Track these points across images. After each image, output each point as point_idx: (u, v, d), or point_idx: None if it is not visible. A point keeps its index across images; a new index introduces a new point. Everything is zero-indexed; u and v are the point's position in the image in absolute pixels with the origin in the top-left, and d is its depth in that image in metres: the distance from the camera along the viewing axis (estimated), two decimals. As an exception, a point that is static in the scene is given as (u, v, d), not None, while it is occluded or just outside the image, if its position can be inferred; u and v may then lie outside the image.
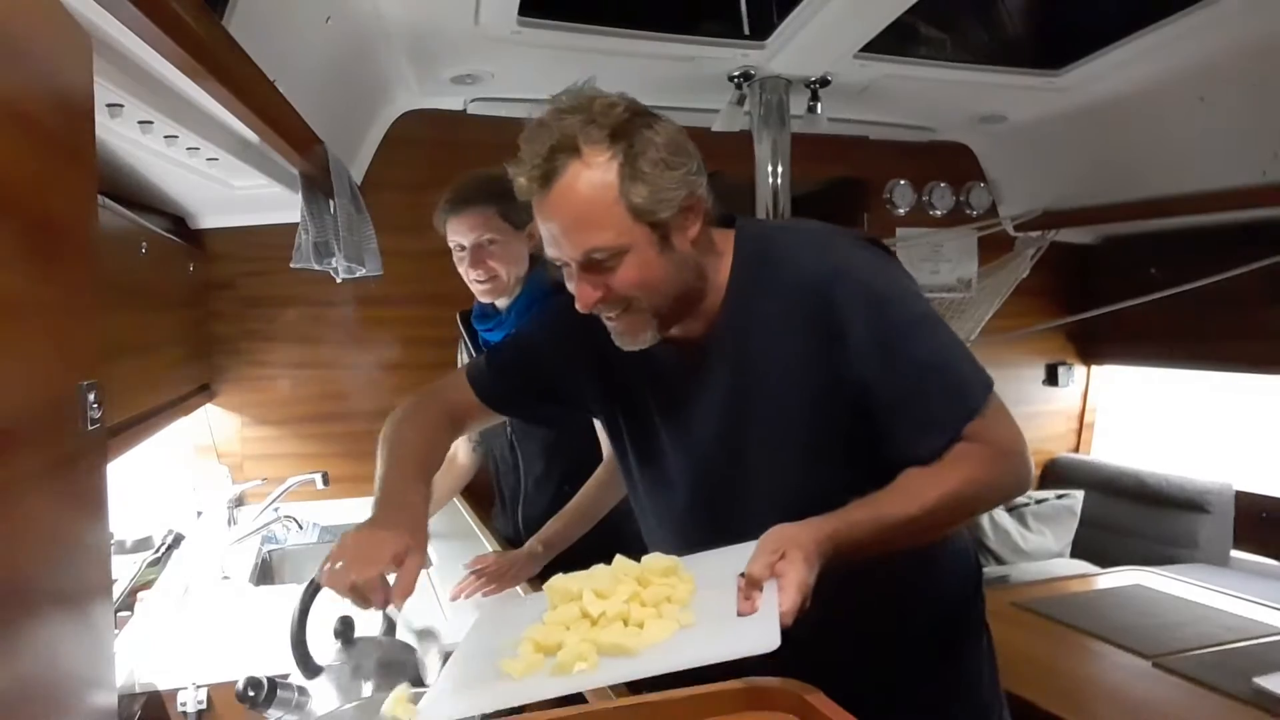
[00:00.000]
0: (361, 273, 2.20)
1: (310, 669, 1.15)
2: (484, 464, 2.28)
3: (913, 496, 1.02)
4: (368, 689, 1.13)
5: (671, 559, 1.02)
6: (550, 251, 1.09)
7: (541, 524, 1.86)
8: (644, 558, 1.03)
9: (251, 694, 1.08)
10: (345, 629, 1.23)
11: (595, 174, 1.03)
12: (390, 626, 1.29)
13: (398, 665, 1.16)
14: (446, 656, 1.06)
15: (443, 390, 1.35)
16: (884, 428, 1.07)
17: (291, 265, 2.06)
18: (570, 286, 1.10)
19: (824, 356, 1.07)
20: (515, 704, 0.88)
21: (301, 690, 1.13)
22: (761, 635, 0.84)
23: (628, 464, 1.32)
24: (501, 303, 1.99)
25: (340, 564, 0.98)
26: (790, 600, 0.88)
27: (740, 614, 0.91)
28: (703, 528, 1.17)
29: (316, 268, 2.09)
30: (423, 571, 1.05)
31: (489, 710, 0.89)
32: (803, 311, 1.08)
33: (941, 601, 1.25)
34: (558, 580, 1.03)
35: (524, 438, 2.06)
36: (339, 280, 2.23)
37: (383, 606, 0.99)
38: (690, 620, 0.93)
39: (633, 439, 1.28)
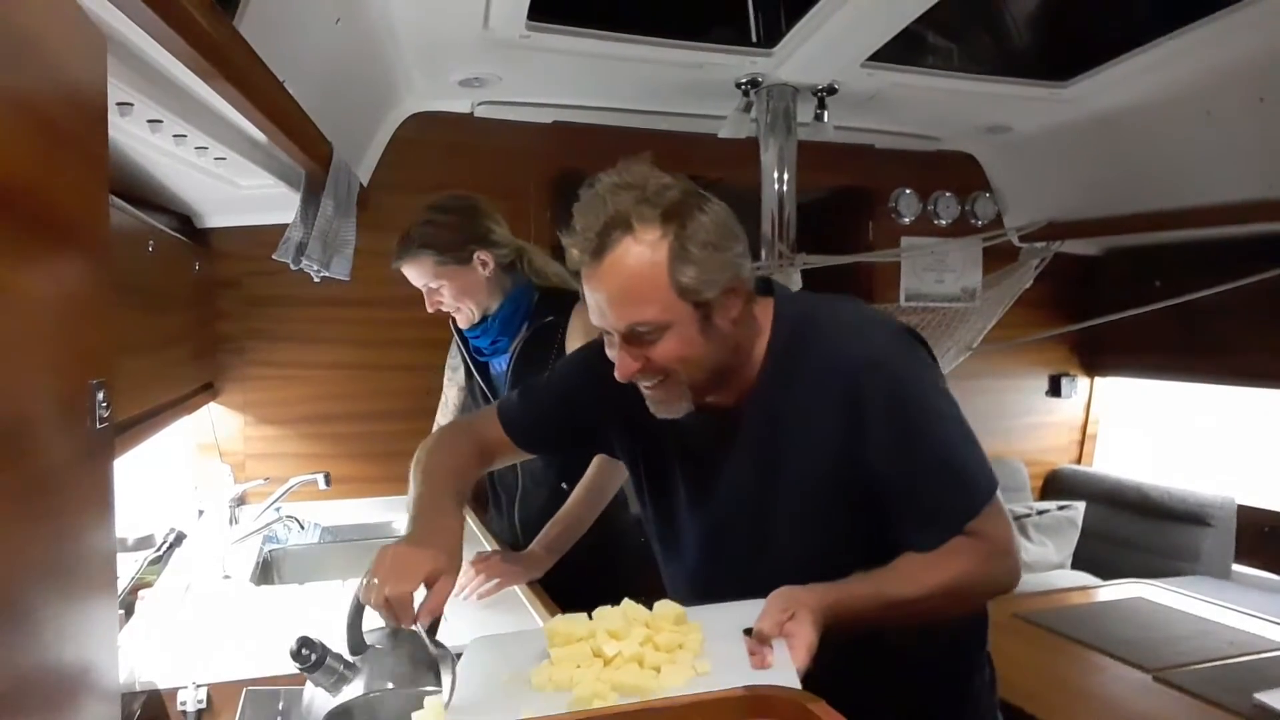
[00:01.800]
0: (326, 275, 2.21)
1: (357, 646, 1.15)
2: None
3: (911, 581, 1.07)
4: (398, 681, 1.13)
5: (679, 608, 1.06)
6: (595, 320, 1.13)
7: (538, 523, 1.86)
8: (655, 604, 1.06)
9: (305, 652, 1.09)
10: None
11: (645, 251, 1.06)
12: (433, 625, 1.29)
13: (432, 664, 1.16)
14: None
15: (473, 424, 1.42)
16: (891, 515, 1.12)
17: (272, 257, 2.07)
18: (611, 354, 1.14)
19: (844, 442, 1.11)
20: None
21: (348, 665, 1.13)
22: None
23: (643, 506, 1.36)
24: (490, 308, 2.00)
25: (376, 579, 1.02)
26: (801, 660, 0.93)
27: (753, 669, 0.94)
28: (707, 586, 1.22)
29: (293, 266, 2.10)
30: None
31: None
32: (832, 397, 1.11)
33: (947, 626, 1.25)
34: (560, 624, 1.05)
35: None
36: (316, 280, 2.23)
37: (411, 623, 1.02)
38: (706, 669, 0.94)
39: (651, 490, 1.32)
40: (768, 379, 1.17)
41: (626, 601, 1.07)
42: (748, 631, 1.00)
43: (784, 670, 0.92)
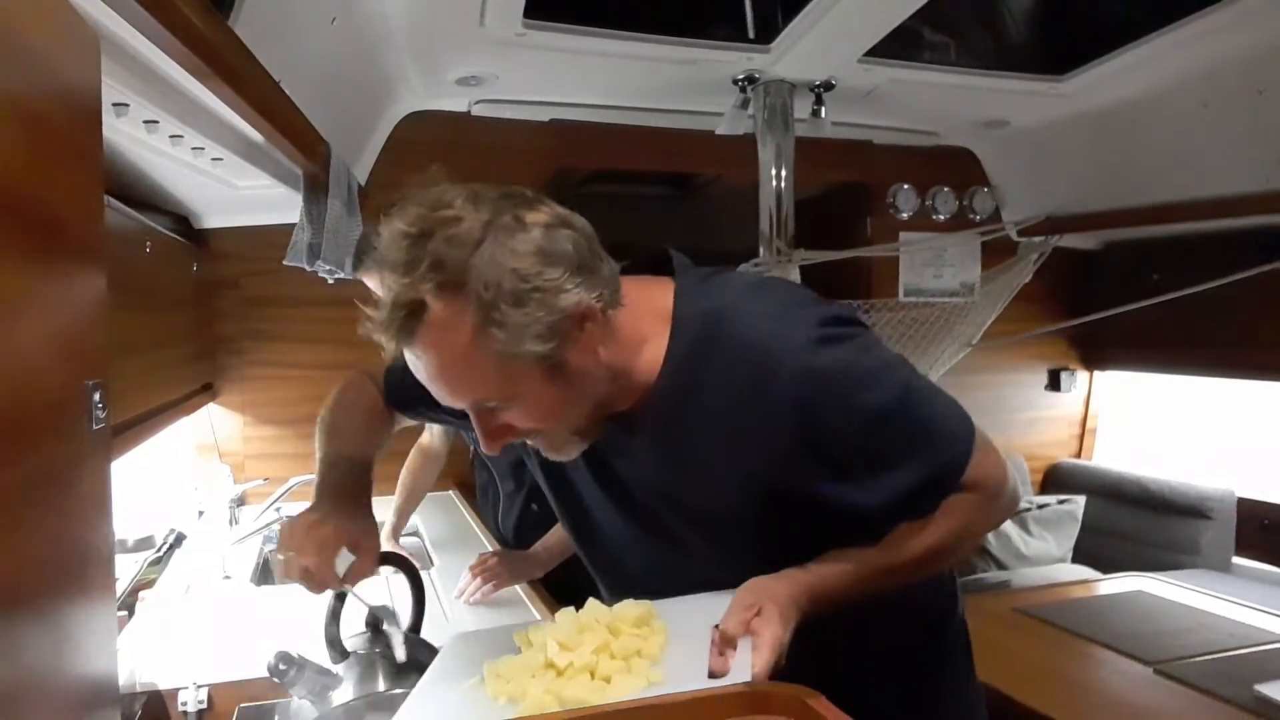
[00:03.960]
0: (340, 276, 2.21)
1: (339, 653, 1.16)
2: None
3: (896, 548, 0.99)
4: (385, 683, 1.13)
5: (645, 606, 0.99)
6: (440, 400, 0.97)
7: (520, 536, 1.86)
8: (617, 605, 0.99)
9: (283, 668, 1.09)
10: (376, 621, 1.24)
11: (447, 335, 0.88)
12: (416, 624, 1.29)
13: (421, 664, 1.16)
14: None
15: (376, 378, 1.33)
16: (870, 511, 1.00)
17: (284, 262, 2.06)
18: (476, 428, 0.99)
19: (784, 460, 0.97)
20: None
21: (329, 674, 1.13)
22: None
23: (558, 514, 1.24)
24: None
25: (291, 553, 1.00)
26: (764, 661, 0.87)
27: (712, 672, 0.89)
28: (636, 588, 1.11)
29: (307, 268, 2.10)
30: (424, 573, 1.06)
31: None
32: (756, 412, 0.96)
33: (916, 611, 1.20)
34: (531, 629, 1.01)
35: (493, 456, 2.03)
36: (331, 281, 2.23)
37: (339, 586, 1.03)
38: (660, 678, 0.90)
39: (563, 508, 1.20)
40: (668, 385, 1.00)
41: (591, 602, 1.01)
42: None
43: (740, 675, 0.87)
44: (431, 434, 2.24)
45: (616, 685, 0.90)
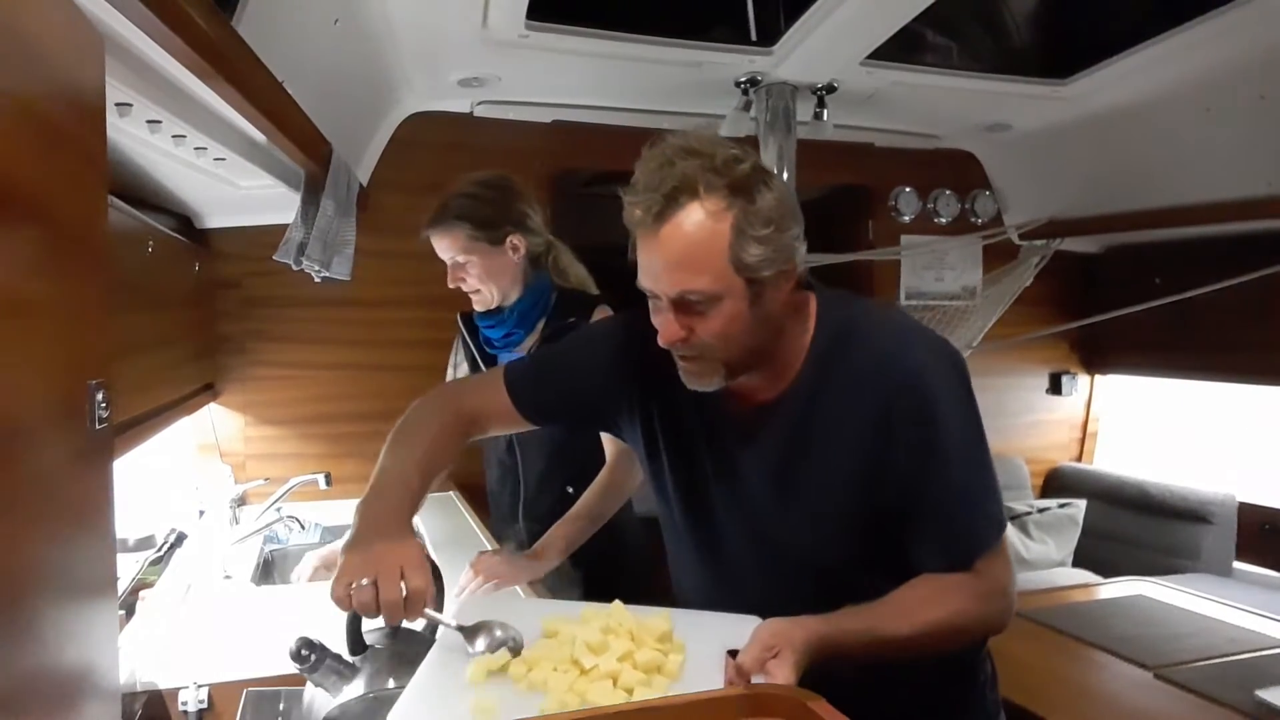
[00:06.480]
0: (326, 275, 2.20)
1: (358, 646, 1.16)
2: (478, 469, 2.28)
3: (905, 618, 1.07)
4: (402, 679, 1.13)
5: (667, 620, 1.06)
6: (644, 282, 1.10)
7: (545, 529, 1.84)
8: (643, 616, 1.06)
9: (305, 653, 1.09)
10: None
11: (710, 221, 1.04)
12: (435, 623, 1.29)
13: None
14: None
15: (466, 391, 1.37)
16: (905, 533, 1.14)
17: (273, 258, 2.06)
18: (655, 320, 1.12)
19: (870, 455, 1.11)
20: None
21: (348, 665, 1.13)
22: None
23: (668, 506, 1.32)
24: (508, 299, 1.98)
25: (368, 579, 1.00)
26: None
27: None
28: (740, 582, 1.24)
29: (294, 266, 2.09)
30: None
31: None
32: (865, 407, 1.11)
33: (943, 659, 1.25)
34: (556, 620, 1.07)
35: (524, 440, 2.03)
36: (318, 280, 2.23)
37: (417, 615, 1.03)
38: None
39: (680, 487, 1.28)
40: (805, 379, 1.16)
41: (616, 604, 1.07)
42: (733, 653, 1.00)
43: None
44: None
45: (638, 698, 0.93)
